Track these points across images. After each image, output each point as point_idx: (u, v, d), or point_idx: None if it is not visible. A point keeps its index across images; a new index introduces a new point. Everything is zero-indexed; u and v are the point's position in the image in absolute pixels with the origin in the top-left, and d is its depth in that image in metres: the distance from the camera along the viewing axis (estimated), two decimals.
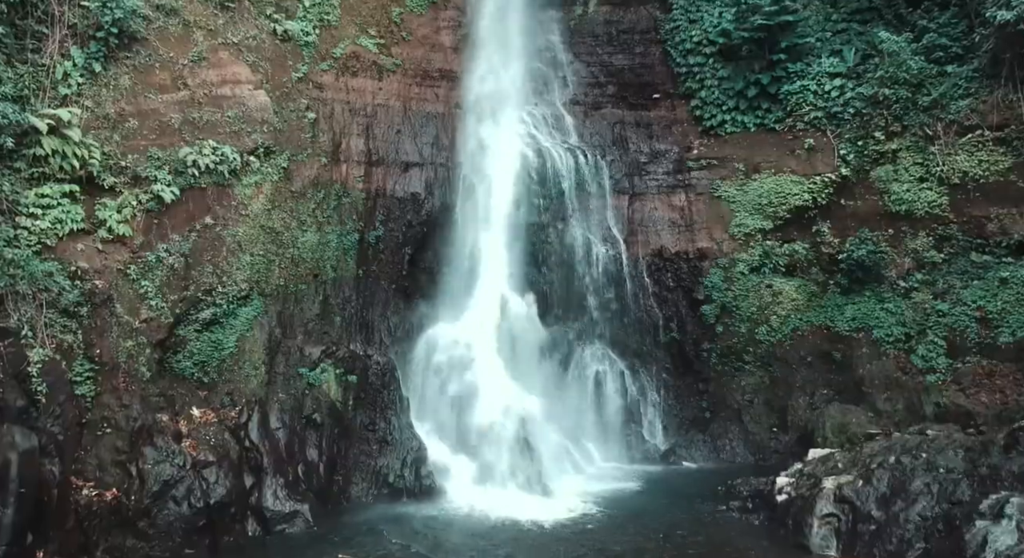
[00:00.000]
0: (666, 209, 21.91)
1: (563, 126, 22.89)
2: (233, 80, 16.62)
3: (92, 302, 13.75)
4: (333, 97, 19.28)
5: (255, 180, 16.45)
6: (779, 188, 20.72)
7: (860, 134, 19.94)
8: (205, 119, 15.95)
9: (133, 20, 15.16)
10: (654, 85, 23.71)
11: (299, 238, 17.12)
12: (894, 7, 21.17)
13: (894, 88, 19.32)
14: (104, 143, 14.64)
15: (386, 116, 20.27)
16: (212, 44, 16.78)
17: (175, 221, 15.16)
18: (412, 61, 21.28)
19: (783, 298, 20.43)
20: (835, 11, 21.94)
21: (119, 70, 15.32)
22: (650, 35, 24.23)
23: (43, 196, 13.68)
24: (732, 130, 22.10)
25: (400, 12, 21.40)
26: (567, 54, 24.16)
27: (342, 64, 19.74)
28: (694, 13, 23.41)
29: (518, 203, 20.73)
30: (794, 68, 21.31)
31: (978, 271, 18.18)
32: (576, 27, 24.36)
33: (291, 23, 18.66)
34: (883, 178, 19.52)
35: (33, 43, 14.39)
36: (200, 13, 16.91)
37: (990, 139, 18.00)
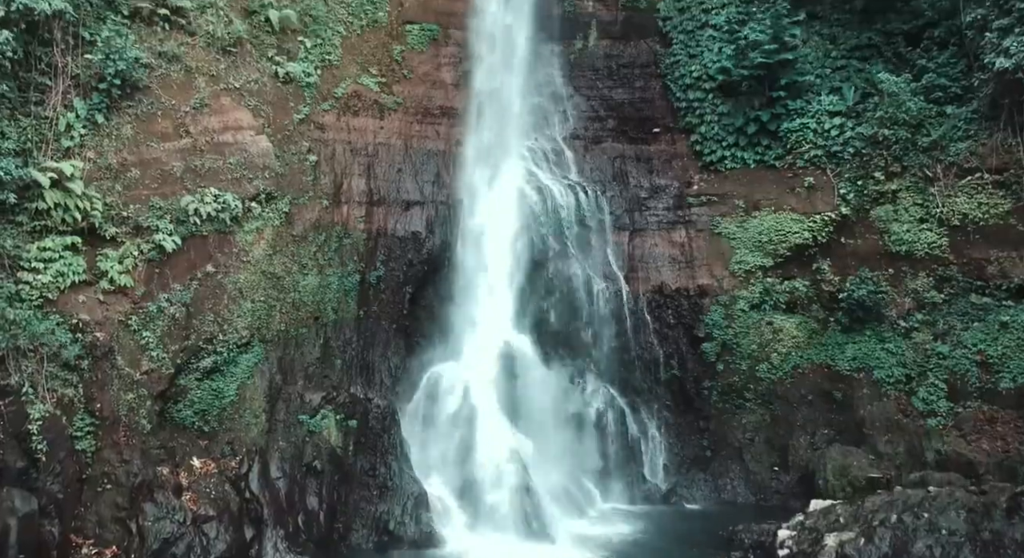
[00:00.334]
0: (666, 245, 21.93)
1: (563, 161, 22.96)
2: (235, 126, 16.68)
3: (93, 355, 13.75)
4: (334, 137, 19.34)
5: (256, 226, 16.48)
6: (779, 226, 20.76)
7: (860, 173, 20.00)
8: (207, 166, 16.01)
9: (135, 70, 15.23)
10: (654, 119, 23.80)
11: (300, 282, 17.14)
12: (893, 45, 21.28)
13: (894, 128, 19.39)
14: (106, 194, 14.68)
15: (387, 155, 20.33)
16: (214, 90, 16.85)
17: (176, 270, 15.18)
18: (413, 99, 21.35)
19: (784, 335, 20.43)
20: (835, 47, 22.05)
21: (121, 119, 15.38)
22: (650, 69, 24.34)
23: (45, 249, 13.71)
24: (732, 166, 22.17)
25: (401, 50, 21.50)
26: (567, 87, 24.25)
27: (343, 103, 19.81)
28: (694, 48, 23.52)
29: (519, 241, 20.78)
30: (794, 105, 21.40)
31: (978, 313, 18.19)
32: (576, 61, 24.46)
33: (292, 65, 18.74)
34: (883, 218, 19.57)
35: (36, 96, 14.45)
36: (202, 59, 16.99)
37: (989, 182, 18.06)
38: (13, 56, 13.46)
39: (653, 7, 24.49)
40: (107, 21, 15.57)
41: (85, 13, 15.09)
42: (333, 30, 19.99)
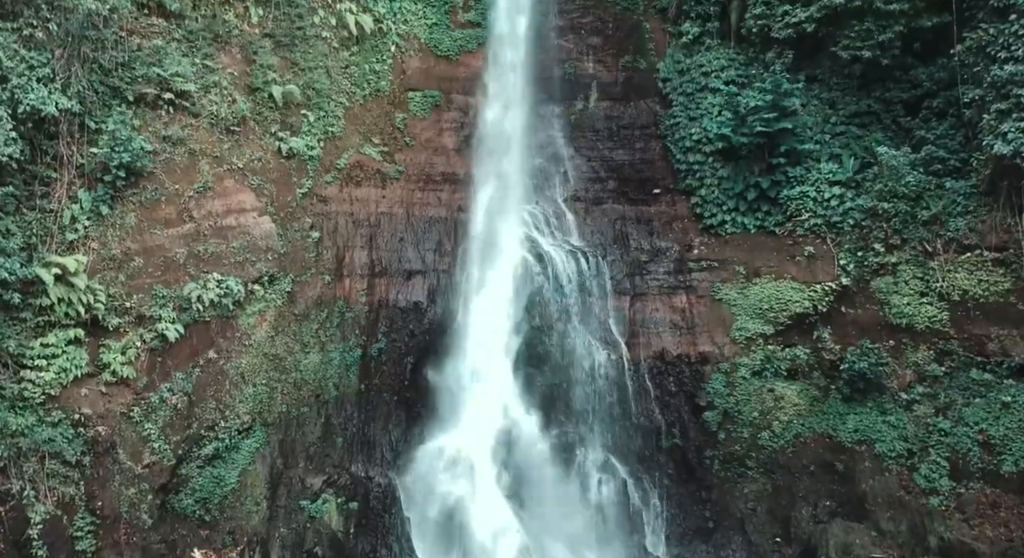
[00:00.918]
0: (667, 310, 21.96)
1: (564, 224, 23.06)
2: (238, 208, 16.80)
3: (95, 451, 13.79)
4: (337, 209, 19.46)
5: (259, 308, 16.56)
6: (780, 294, 20.80)
7: (860, 245, 20.07)
8: (210, 251, 16.11)
9: (140, 159, 15.37)
10: (654, 180, 23.91)
11: (302, 361, 17.20)
12: (892, 113, 21.40)
13: (893, 201, 19.47)
14: (109, 285, 14.77)
15: (389, 224, 20.44)
16: (218, 172, 16.99)
17: (178, 358, 15.24)
18: (415, 166, 21.50)
19: (785, 403, 20.40)
20: (834, 113, 22.16)
21: (125, 208, 15.50)
22: (650, 130, 24.48)
23: (48, 345, 13.80)
24: (732, 230, 22.24)
25: (404, 118, 21.68)
26: (568, 148, 24.39)
27: (346, 174, 19.97)
28: (694, 110, 23.66)
29: (520, 308, 20.85)
30: (793, 172, 21.50)
31: (979, 389, 18.17)
32: (577, 122, 24.62)
33: (295, 140, 18.90)
34: (883, 290, 19.60)
35: (42, 189, 14.59)
36: (206, 140, 17.14)
37: (989, 260, 18.11)
38: (20, 156, 13.58)
39: (653, 67, 24.67)
40: (112, 108, 15.72)
41: (91, 103, 15.25)
42: (336, 101, 20.18)
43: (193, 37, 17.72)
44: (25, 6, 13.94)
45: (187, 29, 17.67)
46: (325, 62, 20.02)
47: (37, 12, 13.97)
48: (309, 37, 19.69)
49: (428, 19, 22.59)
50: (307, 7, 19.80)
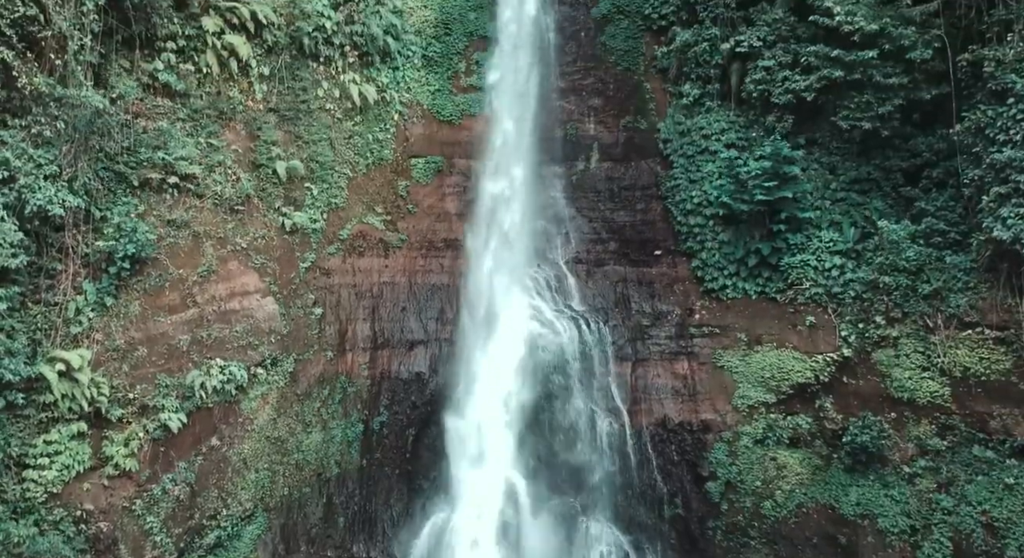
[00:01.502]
0: (669, 377, 21.97)
1: (565, 288, 23.12)
2: (241, 291, 16.89)
3: (96, 549, 13.78)
4: (340, 282, 19.55)
5: (261, 391, 16.61)
6: (782, 363, 20.81)
7: (861, 317, 20.11)
8: (213, 337, 16.17)
9: (145, 248, 15.46)
10: (655, 242, 24.00)
11: (303, 441, 17.20)
12: (892, 181, 21.51)
13: (893, 275, 19.54)
14: (113, 376, 14.82)
15: (392, 294, 20.53)
16: (221, 254, 17.09)
17: (181, 447, 15.26)
18: (418, 233, 21.62)
19: (787, 471, 20.36)
20: (834, 178, 22.27)
21: (129, 297, 15.59)
22: (651, 191, 24.60)
23: (51, 442, 13.82)
24: (734, 295, 22.29)
25: (407, 185, 21.83)
26: (569, 209, 24.51)
27: (349, 245, 20.07)
28: (694, 173, 23.79)
29: (522, 377, 20.86)
30: (794, 239, 21.58)
31: (982, 466, 18.14)
32: (578, 182, 24.76)
33: (299, 214, 19.02)
34: (884, 362, 19.61)
35: (47, 281, 14.66)
36: (210, 221, 17.26)
37: (991, 338, 18.14)
38: (26, 255, 13.68)
39: (653, 128, 24.82)
40: (117, 195, 15.83)
41: (96, 191, 15.36)
42: (339, 172, 20.33)
43: (198, 115, 17.89)
44: (34, 103, 14.08)
45: (192, 108, 17.84)
46: (329, 134, 20.18)
47: (45, 109, 14.11)
48: (313, 110, 19.87)
49: (431, 86, 22.78)
50: (311, 80, 19.99)
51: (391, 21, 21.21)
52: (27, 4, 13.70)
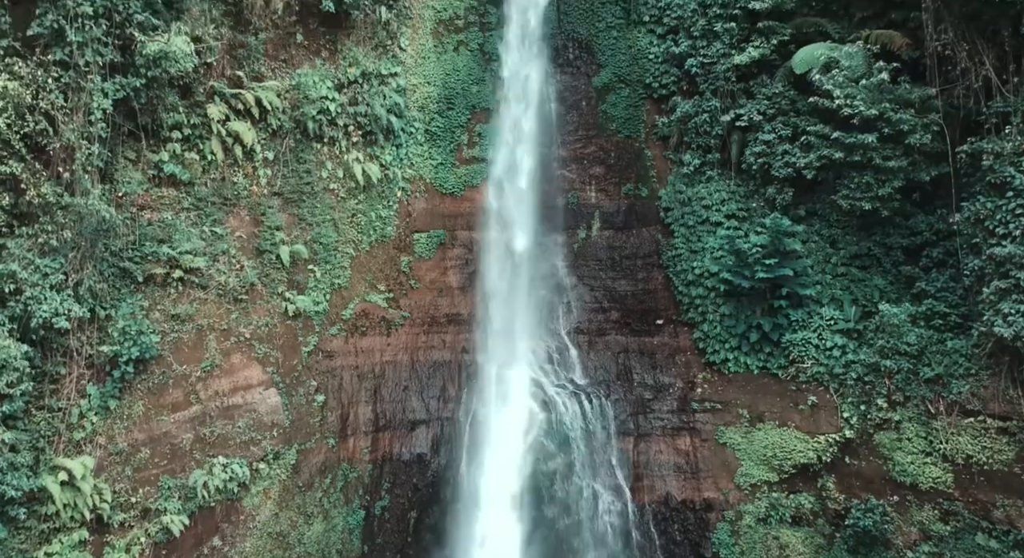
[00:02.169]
0: (671, 453, 21.93)
1: (567, 360, 23.16)
2: (245, 385, 16.92)
3: None
4: (342, 364, 19.59)
5: (263, 486, 16.59)
6: (784, 442, 20.79)
7: (863, 399, 20.12)
8: (216, 433, 16.19)
9: (149, 350, 15.51)
10: (657, 311, 24.06)
11: (305, 534, 17.16)
12: (892, 258, 21.57)
13: (895, 358, 19.57)
14: (115, 480, 14.83)
15: (394, 373, 20.56)
16: (225, 347, 17.16)
17: (183, 550, 15.24)
18: (420, 309, 21.69)
19: (790, 551, 20.27)
20: (835, 252, 22.34)
21: (133, 397, 15.62)
22: (652, 259, 24.69)
23: (52, 554, 13.77)
24: (735, 369, 22.31)
25: (409, 261, 21.94)
26: (571, 278, 24.59)
27: (351, 325, 20.14)
28: (695, 243, 23.90)
29: (524, 455, 20.84)
30: (795, 316, 21.64)
31: (986, 555, 18.06)
32: (580, 250, 24.86)
33: (302, 298, 19.10)
34: (886, 445, 19.59)
35: (51, 386, 14.69)
36: (214, 313, 17.33)
37: (993, 428, 18.12)
38: (31, 369, 13.73)
39: (654, 195, 24.95)
40: (122, 291, 15.91)
41: (101, 291, 15.44)
42: (342, 252, 20.43)
43: (202, 204, 18.02)
44: (41, 211, 14.20)
45: (196, 196, 17.97)
46: (332, 214, 20.32)
47: (52, 217, 14.23)
48: (317, 192, 20.03)
49: (434, 160, 22.96)
50: (315, 161, 20.15)
51: (394, 100, 21.43)
52: (37, 119, 13.86)
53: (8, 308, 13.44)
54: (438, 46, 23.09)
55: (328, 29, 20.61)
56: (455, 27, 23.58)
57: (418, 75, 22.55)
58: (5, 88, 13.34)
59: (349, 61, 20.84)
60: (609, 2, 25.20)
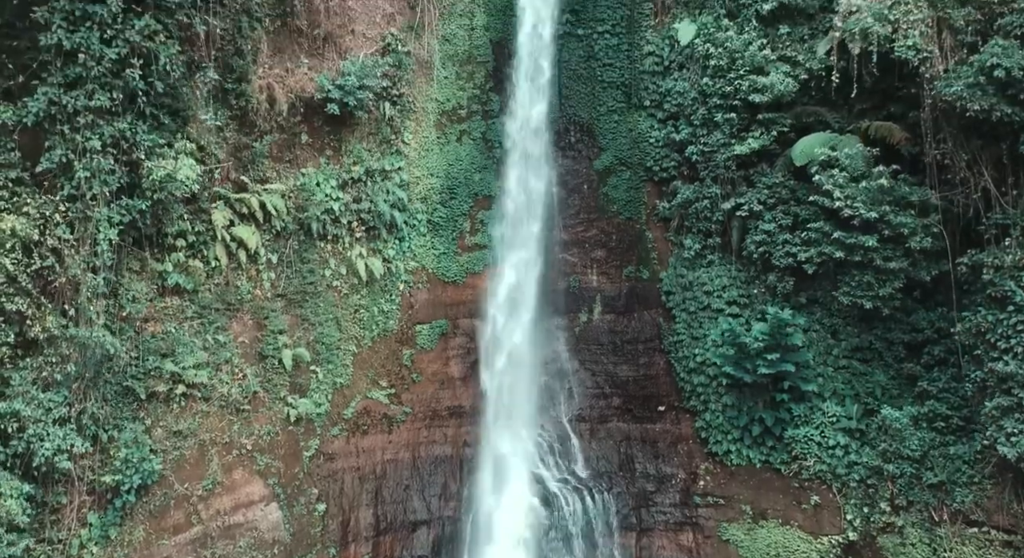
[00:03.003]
0: (674, 549, 21.81)
1: (569, 450, 23.09)
2: (246, 502, 16.87)
3: None
4: (343, 466, 19.53)
5: None
6: (787, 542, 20.67)
7: (866, 501, 20.04)
8: (218, 555, 16.13)
9: (152, 476, 15.47)
10: (659, 397, 24.03)
11: None
12: (894, 353, 21.52)
13: (897, 462, 19.54)
14: None
15: (395, 472, 20.49)
16: (227, 461, 17.12)
17: None
18: (422, 402, 21.65)
19: None
20: (836, 345, 22.33)
21: (134, 522, 15.57)
22: (653, 344, 24.70)
23: None
24: (738, 462, 22.23)
25: (411, 353, 21.93)
26: (572, 362, 24.59)
27: (353, 424, 20.10)
28: (696, 329, 23.92)
29: (525, 554, 20.73)
30: (797, 410, 21.61)
31: None
32: (581, 334, 24.87)
33: (304, 401, 19.09)
34: (890, 549, 19.48)
35: (52, 517, 14.63)
36: (216, 427, 17.32)
37: (998, 541, 18.04)
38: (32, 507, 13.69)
39: (656, 277, 24.97)
40: (124, 412, 15.90)
41: (103, 416, 15.43)
42: (344, 350, 20.46)
43: (205, 311, 18.06)
44: (45, 343, 14.23)
45: (200, 304, 18.02)
46: (335, 312, 20.38)
47: (56, 349, 14.26)
48: (320, 291, 20.11)
49: (436, 249, 23.05)
50: (319, 260, 20.25)
51: (398, 195, 21.58)
52: (43, 255, 13.95)
53: (11, 446, 13.42)
54: (441, 137, 23.30)
55: (333, 128, 20.80)
56: (458, 117, 23.81)
57: (421, 167, 22.72)
58: (13, 229, 13.44)
59: (353, 159, 21.01)
60: (610, 87, 25.47)
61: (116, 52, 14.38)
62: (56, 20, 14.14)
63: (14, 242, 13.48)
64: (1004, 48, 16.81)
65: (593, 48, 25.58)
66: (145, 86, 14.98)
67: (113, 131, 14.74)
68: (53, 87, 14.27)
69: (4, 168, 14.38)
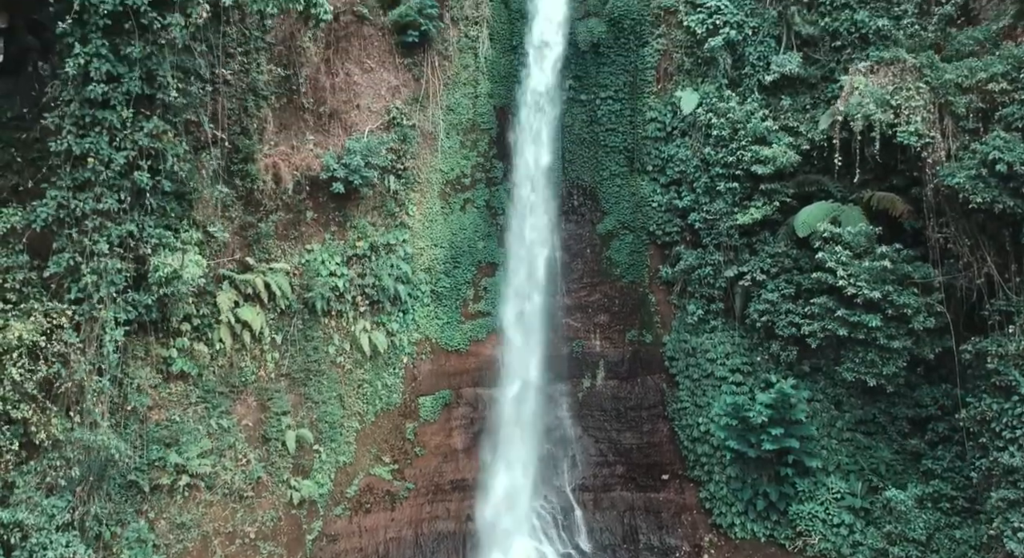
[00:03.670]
0: None
1: (573, 523, 22.99)
2: None
3: None
4: (346, 547, 19.44)
5: None
6: None
7: None
8: None
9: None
10: (662, 465, 23.96)
11: None
12: (898, 427, 21.50)
13: (902, 544, 19.40)
14: None
15: (398, 551, 20.39)
16: (229, 552, 17.09)
17: None
18: (425, 477, 21.57)
19: None
20: (840, 417, 22.28)
21: None
22: (657, 410, 24.67)
23: None
24: (742, 535, 22.11)
25: (414, 427, 21.87)
26: (576, 428, 24.56)
27: (355, 503, 20.02)
28: (700, 397, 23.88)
29: None
30: (802, 485, 21.52)
31: None
32: (584, 399, 24.86)
33: (307, 483, 19.03)
34: None
35: None
36: (219, 516, 17.26)
37: None
38: None
39: (659, 341, 24.98)
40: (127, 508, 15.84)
41: (107, 514, 15.37)
42: (348, 427, 20.42)
43: (209, 395, 18.06)
44: (50, 447, 14.21)
45: (204, 388, 18.01)
46: (339, 389, 20.35)
47: (60, 453, 14.23)
48: (323, 369, 20.10)
49: (440, 319, 23.07)
50: (323, 337, 20.26)
51: (402, 269, 21.64)
52: (50, 362, 13.97)
53: (13, 556, 13.36)
54: (445, 207, 23.40)
55: (338, 204, 20.90)
56: (461, 186, 23.93)
57: (425, 238, 22.79)
58: (20, 337, 13.47)
59: (358, 234, 21.09)
60: (613, 151, 25.64)
61: (125, 155, 14.48)
62: (66, 125, 14.26)
63: (20, 350, 13.50)
64: (1006, 141, 16.92)
65: (596, 113, 25.81)
66: (153, 185, 15.07)
67: (121, 232, 14.80)
68: (62, 190, 14.35)
69: (12, 270, 14.45)
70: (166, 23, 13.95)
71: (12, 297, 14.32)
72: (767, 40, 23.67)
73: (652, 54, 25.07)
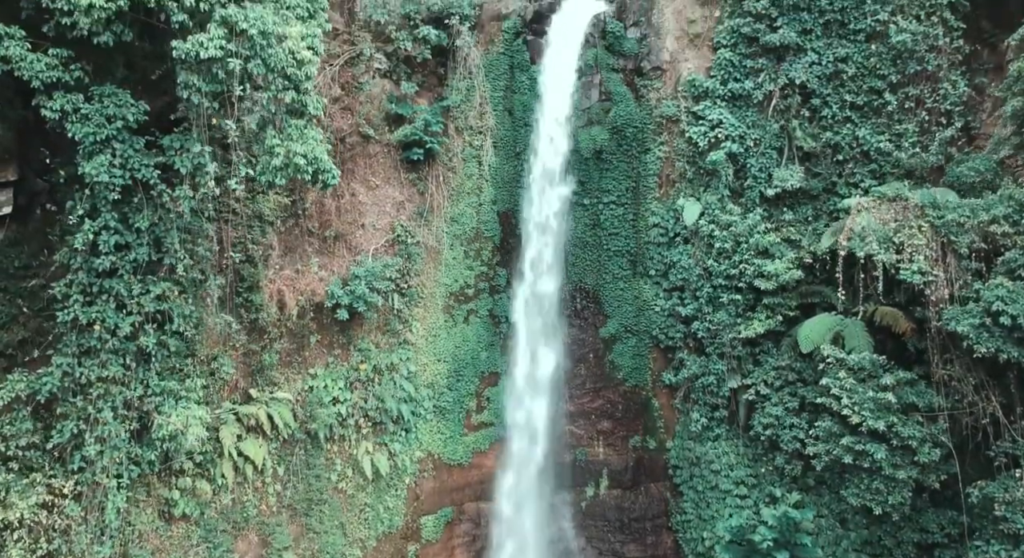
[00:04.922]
0: None
1: None
2: None
3: None
4: None
5: None
6: None
7: None
8: None
9: None
10: None
11: None
12: (903, 551, 21.22)
13: None
14: None
15: None
16: None
17: None
18: None
19: None
20: (845, 535, 21.89)
21: None
22: (661, 521, 24.48)
23: None
24: None
25: (416, 550, 21.66)
26: (579, 539, 24.32)
27: None
28: (704, 510, 23.71)
29: None
30: None
31: None
32: (587, 509, 24.65)
33: None
34: None
35: None
36: None
37: None
38: None
39: (663, 446, 24.85)
40: None
41: None
42: (349, 556, 20.18)
43: (211, 535, 17.88)
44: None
45: (206, 528, 17.84)
46: (340, 517, 20.17)
47: None
48: (325, 498, 19.92)
49: (443, 434, 22.94)
50: (325, 464, 20.12)
51: (405, 388, 21.57)
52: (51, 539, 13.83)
53: None
54: (448, 320, 23.39)
55: (342, 327, 20.89)
56: (465, 297, 23.94)
57: (428, 354, 22.75)
58: (21, 518, 13.36)
59: (361, 357, 21.05)
60: (616, 255, 25.67)
61: (131, 322, 14.49)
62: (73, 294, 14.29)
63: (21, 532, 13.39)
64: (1009, 291, 16.96)
65: (599, 217, 25.87)
66: (159, 346, 15.07)
67: (126, 395, 14.77)
68: (68, 357, 14.34)
69: (15, 437, 14.39)
70: (175, 196, 14.04)
71: (15, 465, 14.24)
72: (769, 152, 23.87)
73: (655, 161, 25.23)
